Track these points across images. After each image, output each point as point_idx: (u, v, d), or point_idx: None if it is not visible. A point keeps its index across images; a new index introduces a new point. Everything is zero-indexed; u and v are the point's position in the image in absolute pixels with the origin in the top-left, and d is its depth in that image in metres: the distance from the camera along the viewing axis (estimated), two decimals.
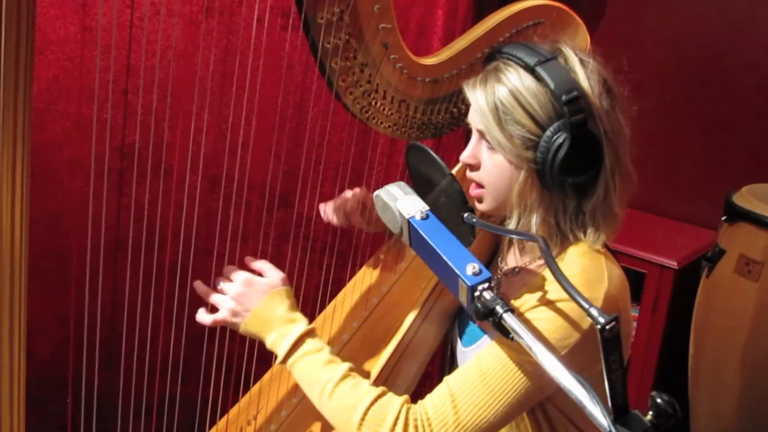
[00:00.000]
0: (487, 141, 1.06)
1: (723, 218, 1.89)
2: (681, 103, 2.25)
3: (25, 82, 0.74)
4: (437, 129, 1.34)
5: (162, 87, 1.42)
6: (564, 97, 0.98)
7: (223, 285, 1.12)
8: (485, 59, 1.11)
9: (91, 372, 1.12)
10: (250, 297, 1.09)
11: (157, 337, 1.16)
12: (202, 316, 1.12)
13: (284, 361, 1.06)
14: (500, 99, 1.02)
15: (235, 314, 1.09)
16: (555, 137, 1.00)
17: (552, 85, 0.99)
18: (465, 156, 1.10)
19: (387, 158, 1.83)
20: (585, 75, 1.02)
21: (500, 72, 1.04)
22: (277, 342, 1.06)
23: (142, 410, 1.18)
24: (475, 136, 1.09)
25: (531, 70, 1.01)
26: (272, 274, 1.13)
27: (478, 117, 1.06)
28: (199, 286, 1.14)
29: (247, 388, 1.25)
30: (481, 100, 1.05)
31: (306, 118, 1.56)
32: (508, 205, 1.08)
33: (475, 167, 1.10)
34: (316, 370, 1.03)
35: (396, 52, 1.18)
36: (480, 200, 1.12)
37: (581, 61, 1.03)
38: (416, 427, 0.97)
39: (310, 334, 1.07)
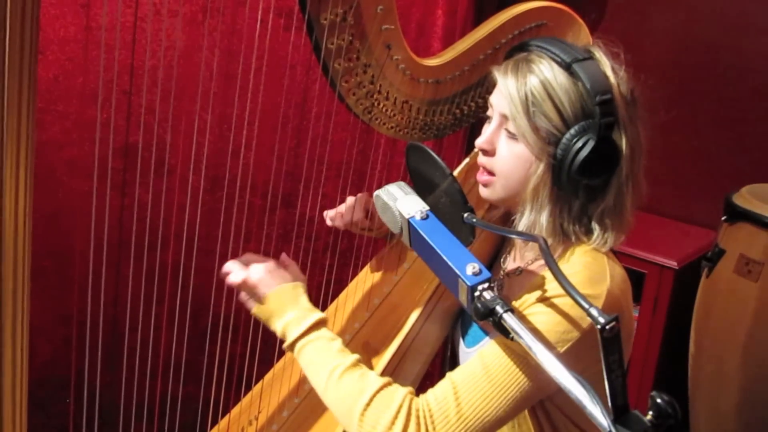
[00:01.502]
0: (509, 130, 1.06)
1: (723, 218, 1.89)
2: (681, 103, 2.25)
3: (29, 82, 0.74)
4: (439, 130, 1.34)
5: (163, 87, 1.42)
6: (598, 98, 1.00)
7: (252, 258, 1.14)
8: (513, 49, 1.11)
9: (92, 372, 1.12)
10: (278, 276, 1.11)
11: (159, 337, 1.16)
12: (235, 275, 1.11)
13: (297, 340, 1.05)
14: (531, 89, 1.03)
15: (262, 283, 1.10)
16: (578, 136, 1.01)
17: (588, 84, 1.00)
18: (481, 141, 1.10)
19: (388, 158, 1.83)
20: (616, 81, 1.04)
21: (533, 63, 1.05)
22: (294, 322, 1.06)
23: (143, 410, 1.18)
24: (495, 121, 1.09)
25: (567, 66, 1.02)
26: (296, 271, 1.16)
27: (505, 102, 1.06)
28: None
29: (248, 388, 1.25)
30: (512, 86, 1.05)
31: (307, 118, 1.56)
32: (520, 199, 1.09)
33: (489, 153, 1.10)
34: (327, 355, 1.03)
35: (399, 53, 1.18)
36: (486, 186, 1.12)
37: (612, 68, 1.05)
38: (418, 418, 0.96)
39: (326, 323, 1.08)
